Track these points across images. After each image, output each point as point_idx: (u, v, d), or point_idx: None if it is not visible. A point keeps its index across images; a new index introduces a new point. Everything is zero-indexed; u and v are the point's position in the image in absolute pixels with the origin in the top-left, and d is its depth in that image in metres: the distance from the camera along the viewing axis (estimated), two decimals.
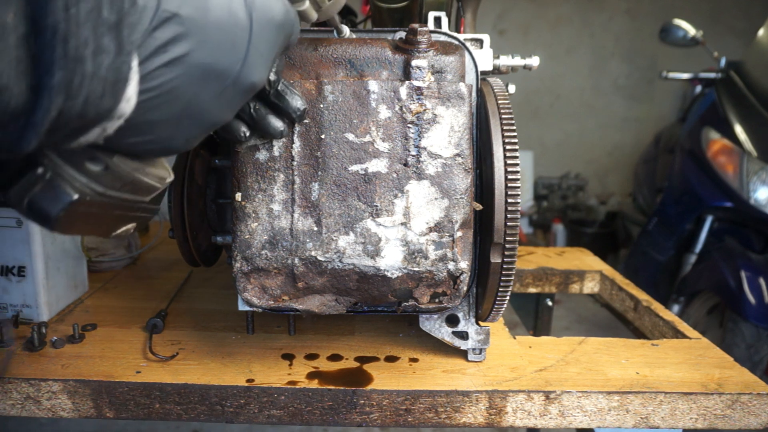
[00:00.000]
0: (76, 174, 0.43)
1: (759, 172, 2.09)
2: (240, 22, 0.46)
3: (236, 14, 0.46)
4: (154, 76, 0.41)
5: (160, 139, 0.46)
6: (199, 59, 0.43)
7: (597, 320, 3.23)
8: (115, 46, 0.37)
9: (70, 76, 0.35)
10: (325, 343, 0.91)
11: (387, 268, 0.71)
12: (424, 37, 0.70)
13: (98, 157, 0.45)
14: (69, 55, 0.35)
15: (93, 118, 0.39)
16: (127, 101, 0.39)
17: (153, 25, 0.39)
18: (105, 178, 0.45)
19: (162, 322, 0.93)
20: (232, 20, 0.45)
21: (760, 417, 0.80)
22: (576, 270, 1.36)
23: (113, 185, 0.47)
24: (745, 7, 4.63)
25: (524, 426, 0.81)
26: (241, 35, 0.47)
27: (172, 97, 0.43)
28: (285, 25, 0.53)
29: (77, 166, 0.44)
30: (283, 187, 0.71)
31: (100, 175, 0.45)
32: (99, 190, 0.45)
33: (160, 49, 0.40)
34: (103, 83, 0.37)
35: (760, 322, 1.88)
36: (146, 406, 0.78)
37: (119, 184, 0.48)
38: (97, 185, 0.45)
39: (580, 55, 4.87)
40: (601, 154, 5.03)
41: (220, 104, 0.49)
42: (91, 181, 0.44)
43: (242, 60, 0.47)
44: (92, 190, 0.44)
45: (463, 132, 0.71)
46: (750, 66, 2.38)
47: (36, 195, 0.42)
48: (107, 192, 0.46)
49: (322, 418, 0.78)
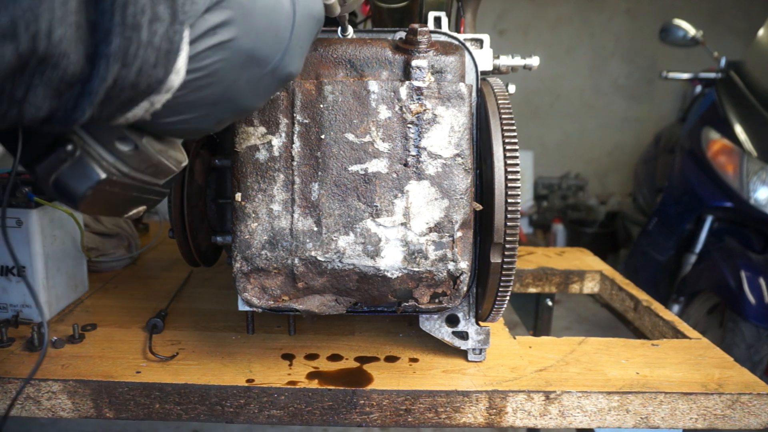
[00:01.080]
0: (104, 153, 0.44)
1: (759, 172, 2.09)
2: (285, 11, 0.47)
3: (282, 3, 0.47)
4: (201, 57, 0.41)
5: (195, 120, 0.47)
6: (245, 45, 0.44)
7: (597, 320, 3.23)
8: (169, 15, 0.38)
9: (127, 44, 0.36)
10: (325, 343, 0.91)
11: (387, 268, 0.71)
12: (424, 37, 0.70)
13: (128, 137, 0.45)
14: (127, 22, 0.35)
15: (144, 89, 0.39)
16: (176, 73, 0.40)
17: (206, 5, 0.40)
18: (132, 159, 0.46)
19: (162, 322, 0.93)
20: (278, 9, 0.46)
21: (760, 417, 0.80)
22: (576, 270, 1.36)
23: (139, 166, 0.47)
24: (745, 7, 4.63)
25: (524, 426, 0.81)
26: (284, 25, 0.47)
27: (215, 79, 0.44)
28: (321, 18, 0.54)
29: (106, 145, 0.44)
30: (283, 187, 0.71)
31: (128, 155, 0.46)
32: (124, 171, 0.46)
33: (209, 32, 0.41)
34: (156, 52, 0.38)
35: (760, 322, 1.88)
36: (146, 406, 0.78)
37: (144, 166, 0.48)
38: (123, 165, 0.45)
39: (580, 55, 4.87)
40: (601, 154, 5.03)
41: (257, 90, 0.49)
42: (118, 161, 0.45)
43: (284, 49, 0.48)
44: (118, 170, 0.45)
45: (463, 132, 0.71)
46: (750, 66, 2.38)
47: (64, 173, 0.42)
48: (131, 173, 0.47)
49: (322, 418, 0.78)
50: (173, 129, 0.47)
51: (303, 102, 0.70)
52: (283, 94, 0.70)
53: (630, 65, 4.88)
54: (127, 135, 0.45)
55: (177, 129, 0.47)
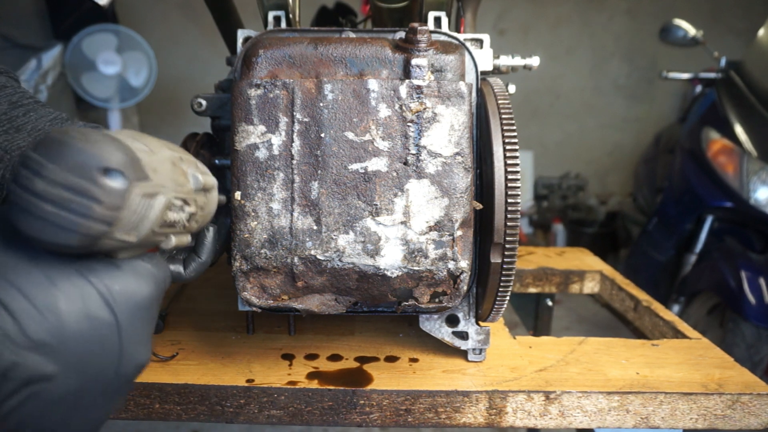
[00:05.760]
0: None
1: (759, 172, 2.09)
2: (103, 321, 0.43)
3: (96, 316, 0.43)
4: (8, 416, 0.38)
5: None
6: (64, 387, 0.41)
7: (597, 320, 3.23)
8: None
9: None
10: (325, 343, 0.91)
11: (387, 267, 0.70)
12: (424, 36, 0.70)
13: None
14: None
15: None
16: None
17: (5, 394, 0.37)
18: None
19: (162, 322, 0.93)
20: (94, 326, 0.43)
21: (760, 417, 0.80)
22: (576, 270, 1.35)
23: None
24: (746, 6, 4.63)
25: (524, 426, 0.81)
26: (107, 333, 0.44)
27: (34, 420, 0.40)
28: (156, 294, 0.49)
29: None
30: (282, 185, 0.71)
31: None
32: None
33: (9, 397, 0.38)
34: None
35: (761, 322, 1.88)
36: (146, 406, 0.78)
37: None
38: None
39: (580, 55, 4.86)
40: (601, 154, 5.02)
41: (108, 396, 0.46)
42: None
43: (118, 355, 0.45)
44: None
45: (463, 131, 0.71)
46: (750, 66, 2.38)
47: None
48: None
49: (322, 418, 0.78)
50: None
51: (303, 101, 0.70)
52: (282, 93, 0.70)
53: (630, 65, 4.88)
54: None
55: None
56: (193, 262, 0.68)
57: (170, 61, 4.26)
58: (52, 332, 0.40)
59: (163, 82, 3.69)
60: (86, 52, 3.20)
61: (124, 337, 0.45)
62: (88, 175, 0.40)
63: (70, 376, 0.41)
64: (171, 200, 0.49)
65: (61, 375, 0.40)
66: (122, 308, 0.45)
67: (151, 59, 3.34)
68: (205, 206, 0.60)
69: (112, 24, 3.42)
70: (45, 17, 3.29)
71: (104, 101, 3.35)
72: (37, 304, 0.40)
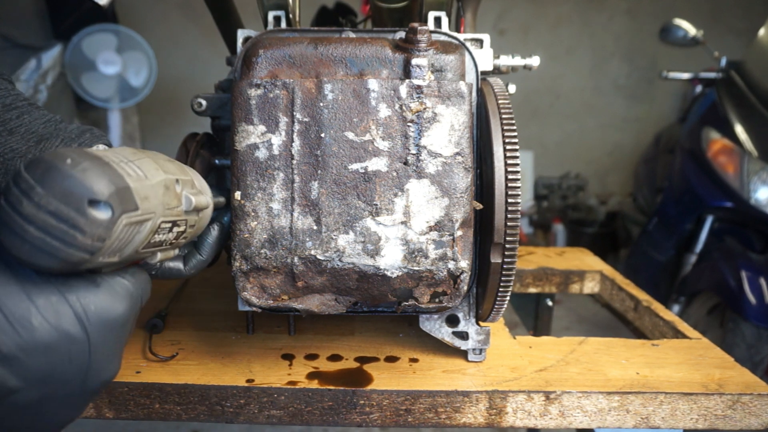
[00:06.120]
0: None
1: (759, 172, 2.09)
2: (74, 338, 0.44)
3: (68, 333, 0.43)
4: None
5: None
6: (27, 398, 0.42)
7: (597, 320, 3.23)
8: None
9: None
10: (325, 343, 0.91)
11: (387, 267, 0.70)
12: (424, 36, 0.70)
13: None
14: None
15: None
16: None
17: None
18: None
19: (162, 322, 0.93)
20: (64, 341, 0.43)
21: (761, 417, 0.80)
22: (576, 270, 1.35)
23: None
24: (746, 6, 4.63)
25: (524, 426, 0.81)
26: (78, 349, 0.44)
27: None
28: (131, 312, 0.50)
29: None
30: (282, 185, 0.71)
31: None
32: None
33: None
34: None
35: (761, 322, 1.88)
36: (146, 406, 0.78)
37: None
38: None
39: (580, 55, 4.86)
40: (601, 154, 5.03)
41: (72, 405, 0.47)
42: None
43: (85, 370, 0.45)
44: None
45: (463, 131, 0.71)
46: (750, 66, 2.38)
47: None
48: None
49: (322, 419, 0.78)
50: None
51: (303, 100, 0.70)
52: (282, 93, 0.70)
53: (630, 65, 4.88)
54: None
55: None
56: (194, 259, 0.68)
57: (170, 61, 4.26)
58: (22, 346, 0.40)
59: (163, 82, 3.69)
60: (86, 52, 3.20)
61: (94, 354, 0.45)
62: (75, 204, 0.40)
63: (34, 389, 0.42)
64: (158, 224, 0.50)
65: (24, 389, 0.41)
66: (95, 326, 0.45)
67: (151, 59, 3.35)
68: (197, 223, 0.60)
69: (112, 24, 3.42)
70: (45, 17, 3.29)
71: (104, 101, 3.35)
72: (10, 318, 0.40)
